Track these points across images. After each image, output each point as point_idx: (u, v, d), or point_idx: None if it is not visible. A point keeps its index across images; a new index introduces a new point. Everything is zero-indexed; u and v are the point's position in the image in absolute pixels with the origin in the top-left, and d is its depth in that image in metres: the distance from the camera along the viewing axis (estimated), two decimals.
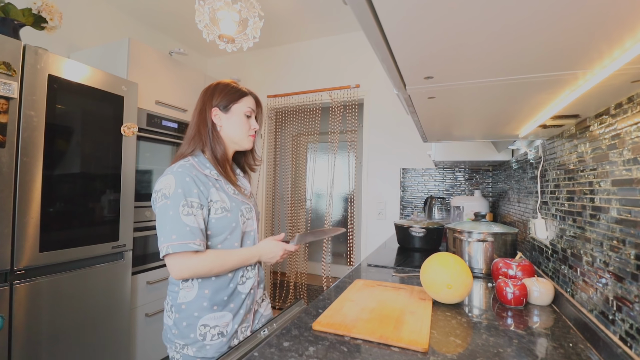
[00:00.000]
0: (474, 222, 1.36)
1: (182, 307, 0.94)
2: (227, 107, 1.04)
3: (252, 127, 1.07)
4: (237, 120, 1.04)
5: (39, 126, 1.48)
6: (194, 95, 2.47)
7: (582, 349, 0.69)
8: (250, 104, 1.07)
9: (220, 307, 0.94)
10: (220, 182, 1.00)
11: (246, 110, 1.05)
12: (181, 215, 0.87)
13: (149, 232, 2.11)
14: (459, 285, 0.87)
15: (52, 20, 1.72)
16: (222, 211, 0.95)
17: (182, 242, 0.86)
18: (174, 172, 0.92)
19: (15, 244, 1.40)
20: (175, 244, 0.86)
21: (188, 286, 0.95)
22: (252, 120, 1.08)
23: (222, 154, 1.03)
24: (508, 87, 0.62)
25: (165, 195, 0.89)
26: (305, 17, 2.70)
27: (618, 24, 0.39)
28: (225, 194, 0.98)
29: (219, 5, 1.79)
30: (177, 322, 0.94)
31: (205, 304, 0.93)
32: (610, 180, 0.72)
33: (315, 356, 0.63)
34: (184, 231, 0.87)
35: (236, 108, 1.04)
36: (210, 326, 0.93)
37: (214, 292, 0.94)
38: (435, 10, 0.38)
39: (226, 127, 1.04)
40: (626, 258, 0.65)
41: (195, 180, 0.92)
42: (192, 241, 0.87)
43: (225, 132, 1.04)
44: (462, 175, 2.58)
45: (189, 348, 0.92)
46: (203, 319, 0.93)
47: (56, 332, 1.55)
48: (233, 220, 0.97)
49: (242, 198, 1.03)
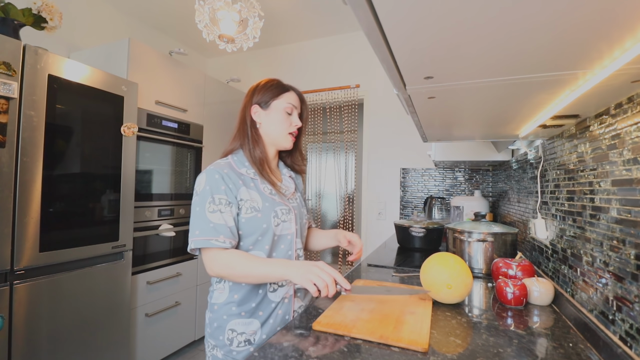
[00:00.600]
0: (474, 222, 1.36)
1: (215, 307, 0.94)
2: (267, 103, 1.00)
3: (293, 124, 1.01)
4: (276, 117, 0.99)
5: (39, 126, 1.48)
6: (194, 96, 2.47)
7: (582, 349, 0.69)
8: (291, 100, 1.01)
9: (248, 314, 0.91)
10: (257, 181, 0.96)
11: (286, 106, 1.00)
12: (207, 211, 0.87)
13: (149, 232, 2.11)
14: (459, 285, 0.87)
15: (52, 20, 1.72)
16: (252, 211, 0.92)
17: (204, 238, 0.85)
18: (207, 170, 0.92)
19: (15, 244, 1.40)
20: (198, 240, 0.85)
21: (220, 288, 0.94)
22: (293, 117, 1.02)
23: (260, 152, 0.99)
24: (508, 87, 0.62)
25: (197, 192, 0.91)
26: (305, 17, 2.70)
27: (618, 24, 0.39)
28: (258, 194, 0.95)
29: (219, 5, 1.79)
30: (210, 321, 0.94)
31: (234, 308, 0.91)
32: (610, 180, 0.72)
33: (315, 356, 0.63)
34: (207, 227, 0.86)
35: (275, 104, 1.00)
36: (238, 332, 0.90)
37: (242, 297, 0.92)
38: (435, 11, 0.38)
39: (265, 124, 1.00)
40: (626, 258, 0.65)
41: (224, 177, 0.90)
42: (214, 238, 0.85)
43: (264, 130, 1.00)
44: (462, 175, 2.58)
45: (217, 350, 0.91)
46: (231, 323, 0.91)
47: (56, 332, 1.55)
48: (264, 221, 0.92)
49: (280, 199, 0.98)
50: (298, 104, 1.04)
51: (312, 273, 0.78)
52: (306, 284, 0.77)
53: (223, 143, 2.78)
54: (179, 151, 2.35)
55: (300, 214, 1.04)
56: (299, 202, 1.06)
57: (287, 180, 1.07)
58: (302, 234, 1.04)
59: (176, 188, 2.34)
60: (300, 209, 1.05)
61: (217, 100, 2.71)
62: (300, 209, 1.05)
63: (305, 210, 1.11)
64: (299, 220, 1.02)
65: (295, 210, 1.01)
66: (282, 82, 1.04)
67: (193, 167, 2.49)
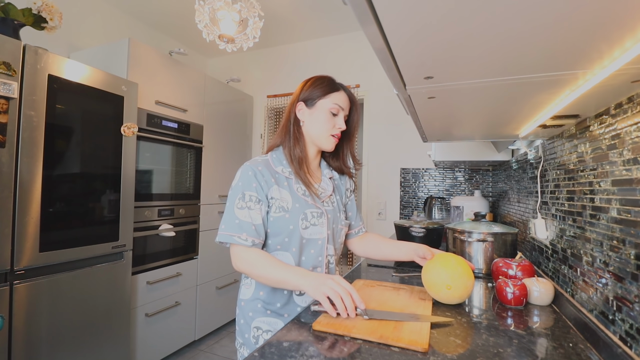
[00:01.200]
0: (474, 222, 1.36)
1: (242, 303, 0.94)
2: (313, 102, 0.96)
3: (337, 126, 0.97)
4: (320, 116, 0.96)
5: (39, 126, 1.48)
6: (194, 95, 2.48)
7: (582, 349, 0.69)
8: (339, 101, 0.97)
9: (273, 313, 0.91)
10: (291, 180, 0.95)
11: (332, 107, 0.96)
12: (235, 207, 0.87)
13: (149, 232, 2.11)
14: (459, 287, 0.87)
15: (52, 20, 1.72)
16: (280, 210, 0.91)
17: (228, 233, 0.86)
18: (243, 166, 0.93)
19: (15, 244, 1.40)
20: (222, 234, 0.86)
21: (247, 284, 0.95)
22: (338, 119, 0.97)
23: (300, 151, 0.96)
24: (508, 87, 0.62)
25: (231, 186, 0.92)
26: (306, 17, 2.70)
27: (618, 24, 0.39)
28: (290, 193, 0.93)
29: (219, 5, 1.79)
30: (238, 317, 0.94)
31: (260, 305, 0.91)
32: (610, 180, 0.72)
33: (315, 356, 0.63)
34: (232, 223, 0.86)
35: (321, 104, 0.96)
36: (263, 330, 0.90)
37: (268, 295, 0.91)
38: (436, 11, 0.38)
39: (308, 123, 0.97)
40: (626, 258, 0.65)
41: (257, 175, 0.90)
42: (237, 234, 0.85)
43: (307, 129, 0.98)
44: (462, 175, 2.58)
45: (244, 347, 0.91)
46: (256, 320, 0.90)
47: (56, 332, 1.55)
48: (290, 223, 0.90)
49: (313, 201, 0.95)
50: (346, 106, 0.99)
51: (326, 286, 0.75)
52: (319, 297, 0.74)
53: (223, 143, 2.78)
54: (179, 151, 2.35)
55: (335, 218, 1.00)
56: (335, 206, 1.02)
57: (325, 182, 1.03)
58: (335, 239, 1.00)
59: (176, 188, 2.34)
60: (335, 213, 1.00)
61: (217, 100, 2.71)
62: (336, 214, 1.01)
63: (344, 216, 1.06)
64: (332, 225, 0.98)
65: (329, 215, 0.97)
66: (333, 81, 1.00)
67: (193, 167, 2.49)
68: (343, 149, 1.07)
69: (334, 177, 1.08)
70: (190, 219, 2.43)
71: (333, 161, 1.08)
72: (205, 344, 2.54)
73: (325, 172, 1.05)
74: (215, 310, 2.65)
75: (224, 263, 2.74)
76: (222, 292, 2.71)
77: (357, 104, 1.03)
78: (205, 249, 2.55)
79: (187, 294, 2.39)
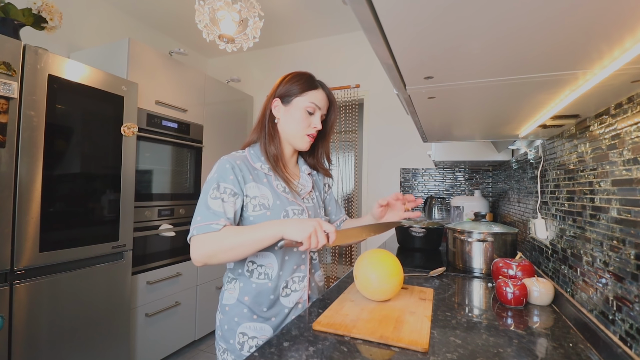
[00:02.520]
0: (474, 222, 1.36)
1: (226, 309, 0.91)
2: (289, 99, 0.94)
3: (312, 126, 0.94)
4: (295, 115, 0.93)
5: (39, 126, 1.48)
6: (194, 95, 2.48)
7: (582, 349, 0.69)
8: (316, 99, 0.94)
9: (259, 318, 0.89)
10: (270, 177, 0.93)
11: (308, 105, 0.93)
12: (209, 198, 0.84)
13: (149, 232, 2.11)
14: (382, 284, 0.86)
15: (52, 20, 1.72)
16: (260, 208, 0.88)
17: (205, 223, 0.81)
18: (220, 159, 0.90)
19: (15, 244, 1.40)
20: (200, 225, 0.81)
21: (231, 288, 0.92)
22: (314, 118, 0.94)
23: (275, 149, 0.94)
24: (508, 87, 0.62)
25: (207, 179, 0.88)
26: (305, 17, 2.70)
27: (618, 24, 0.39)
28: (270, 190, 0.91)
29: (219, 5, 1.79)
30: (221, 323, 0.92)
31: (245, 310, 0.88)
32: (610, 180, 0.72)
33: (315, 356, 0.63)
34: (207, 213, 0.82)
35: (297, 102, 0.93)
36: (249, 336, 0.88)
37: (253, 299, 0.89)
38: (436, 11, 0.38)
39: (283, 121, 0.95)
40: (626, 258, 0.65)
41: (235, 168, 0.88)
42: (214, 222, 0.81)
43: (282, 127, 0.95)
44: (462, 175, 2.58)
45: (228, 354, 0.89)
46: (242, 326, 0.88)
47: (56, 332, 1.55)
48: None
49: (294, 197, 0.93)
50: (324, 105, 0.96)
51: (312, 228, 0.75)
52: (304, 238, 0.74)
53: (223, 143, 2.78)
54: (179, 151, 2.35)
55: (316, 214, 0.99)
56: (315, 203, 1.01)
57: (304, 179, 1.02)
58: None
59: (176, 188, 2.34)
60: (316, 209, 0.99)
61: (217, 100, 2.71)
62: (317, 210, 1.00)
63: (323, 212, 1.05)
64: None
65: (310, 211, 0.96)
66: (312, 78, 0.97)
67: (193, 167, 2.49)
68: (318, 148, 1.05)
69: (312, 173, 1.07)
70: (190, 219, 2.42)
71: (309, 159, 1.07)
72: (205, 344, 2.54)
73: (304, 168, 1.04)
74: (215, 310, 2.65)
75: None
76: None
77: (335, 103, 1.01)
78: None
79: (187, 294, 2.39)
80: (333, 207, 1.15)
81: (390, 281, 0.86)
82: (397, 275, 0.87)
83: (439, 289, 1.08)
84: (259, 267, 0.91)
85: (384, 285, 0.85)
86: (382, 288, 0.86)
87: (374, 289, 0.86)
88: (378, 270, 0.86)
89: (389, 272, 0.86)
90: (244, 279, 0.91)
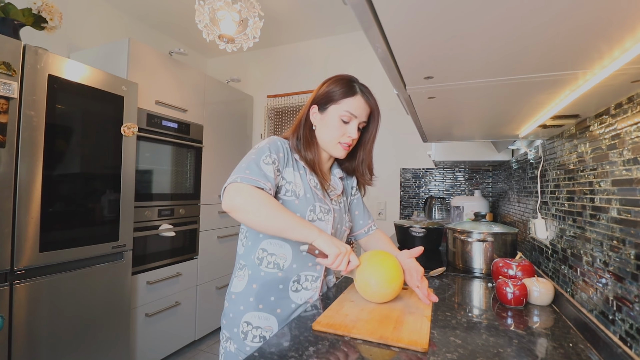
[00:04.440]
0: (474, 222, 1.36)
1: (233, 297, 0.91)
2: (325, 106, 0.93)
3: (347, 135, 0.92)
4: (330, 123, 0.91)
5: (39, 126, 1.48)
6: (194, 95, 2.48)
7: (582, 349, 0.68)
8: (351, 108, 0.91)
9: (265, 308, 0.88)
10: (307, 170, 0.93)
11: (342, 114, 0.91)
12: (261, 161, 0.84)
13: (149, 232, 2.11)
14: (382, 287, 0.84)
15: (52, 20, 1.72)
16: (291, 194, 0.88)
17: (254, 178, 0.80)
18: (271, 137, 0.91)
19: (15, 244, 1.40)
20: (246, 177, 0.80)
21: (240, 275, 0.92)
22: (349, 127, 0.92)
23: (312, 155, 0.93)
24: (508, 87, 0.62)
25: (257, 146, 0.88)
26: (305, 17, 2.70)
27: (618, 24, 0.39)
28: (304, 182, 0.91)
29: (219, 5, 1.79)
30: (227, 311, 0.92)
31: (252, 299, 0.88)
32: (610, 180, 0.72)
33: (315, 356, 0.63)
34: (258, 172, 0.82)
35: (333, 109, 0.92)
36: (253, 325, 0.87)
37: (261, 288, 0.88)
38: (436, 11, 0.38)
39: (319, 128, 0.94)
40: (626, 258, 0.65)
41: (284, 149, 0.89)
42: (262, 181, 0.80)
43: (318, 134, 0.94)
44: (462, 175, 2.58)
45: (231, 342, 0.89)
46: (247, 315, 0.87)
47: (56, 332, 1.55)
48: (298, 210, 0.87)
49: (324, 196, 0.93)
50: (362, 113, 0.93)
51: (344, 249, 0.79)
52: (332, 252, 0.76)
53: (223, 143, 2.78)
54: (179, 151, 2.35)
55: (341, 218, 0.98)
56: (342, 207, 1.00)
57: (335, 182, 1.01)
58: (338, 238, 0.97)
59: (176, 188, 2.34)
60: (342, 213, 0.98)
61: (217, 100, 2.71)
62: (342, 214, 0.99)
63: (348, 217, 1.04)
64: (337, 224, 0.96)
65: (336, 213, 0.95)
66: (351, 84, 0.93)
67: (193, 167, 2.49)
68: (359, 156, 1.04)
69: (343, 176, 1.06)
70: (190, 219, 2.43)
71: (347, 164, 1.06)
72: (205, 344, 2.54)
73: (335, 171, 1.03)
74: (215, 310, 2.65)
75: (224, 263, 2.74)
76: (222, 292, 2.71)
77: (376, 110, 0.98)
78: (206, 249, 2.55)
79: (187, 294, 2.39)
80: (360, 212, 1.12)
81: (390, 286, 0.84)
82: (397, 279, 0.85)
83: (439, 289, 1.08)
84: (269, 256, 0.90)
85: (384, 290, 0.84)
86: (381, 292, 0.85)
87: (373, 293, 0.85)
88: (378, 274, 0.85)
89: (389, 277, 0.84)
90: (253, 266, 0.91)
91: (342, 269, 0.79)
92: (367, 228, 1.13)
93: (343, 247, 0.79)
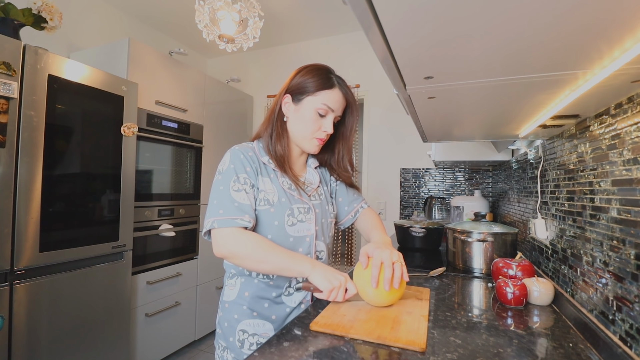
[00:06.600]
0: (474, 222, 1.36)
1: (226, 305, 0.89)
2: (300, 97, 0.87)
3: (323, 129, 0.87)
4: (305, 115, 0.86)
5: (39, 126, 1.48)
6: (194, 95, 2.48)
7: (582, 349, 0.68)
8: (329, 101, 0.86)
9: (260, 315, 0.86)
10: (277, 173, 0.89)
11: (320, 107, 0.85)
12: (231, 190, 0.80)
13: (149, 232, 2.11)
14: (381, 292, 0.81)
15: (52, 20, 1.72)
16: (265, 203, 0.85)
17: (229, 217, 0.78)
18: (231, 150, 0.87)
19: (15, 244, 1.40)
20: (222, 219, 0.78)
21: (232, 284, 0.89)
22: (325, 121, 0.87)
23: (281, 149, 0.88)
24: (508, 87, 0.62)
25: (220, 170, 0.85)
26: (305, 17, 2.70)
27: (618, 24, 0.39)
28: (276, 187, 0.87)
29: (219, 5, 1.79)
30: (221, 321, 0.90)
31: (245, 307, 0.86)
32: (610, 180, 0.72)
33: (315, 356, 0.63)
34: (231, 207, 0.79)
35: (308, 101, 0.86)
36: (249, 333, 0.85)
37: (254, 295, 0.86)
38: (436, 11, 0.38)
39: (292, 120, 0.89)
40: (626, 258, 0.65)
41: (248, 159, 0.85)
42: (239, 217, 0.78)
43: (290, 127, 0.89)
44: (462, 175, 2.58)
45: (228, 352, 0.87)
46: (242, 323, 0.86)
47: (56, 332, 1.55)
48: (276, 218, 0.85)
49: (300, 195, 0.89)
50: (339, 106, 0.88)
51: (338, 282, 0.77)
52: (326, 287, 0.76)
53: (223, 143, 2.78)
54: (179, 151, 2.35)
55: (324, 212, 0.94)
56: (323, 199, 0.95)
57: (311, 173, 0.96)
58: (324, 234, 0.94)
59: (176, 188, 2.34)
60: (323, 206, 0.94)
61: (217, 100, 2.71)
62: (324, 207, 0.94)
63: (332, 207, 1.00)
64: (321, 219, 0.93)
65: (317, 209, 0.92)
66: (328, 75, 0.88)
67: (193, 167, 2.49)
68: (339, 150, 0.99)
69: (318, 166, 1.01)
70: (190, 219, 2.44)
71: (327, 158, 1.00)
72: (205, 344, 2.54)
73: (310, 161, 0.98)
74: (215, 310, 2.65)
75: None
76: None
77: (353, 104, 0.93)
78: (205, 249, 2.55)
79: (187, 294, 2.39)
80: (344, 197, 1.05)
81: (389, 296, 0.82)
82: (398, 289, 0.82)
83: (438, 289, 1.08)
84: None
85: (383, 299, 0.82)
86: (381, 301, 0.83)
87: (372, 299, 0.84)
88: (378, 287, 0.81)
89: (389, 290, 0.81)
90: (244, 275, 0.89)
91: (339, 300, 0.78)
92: (354, 212, 1.05)
93: (336, 280, 0.77)
